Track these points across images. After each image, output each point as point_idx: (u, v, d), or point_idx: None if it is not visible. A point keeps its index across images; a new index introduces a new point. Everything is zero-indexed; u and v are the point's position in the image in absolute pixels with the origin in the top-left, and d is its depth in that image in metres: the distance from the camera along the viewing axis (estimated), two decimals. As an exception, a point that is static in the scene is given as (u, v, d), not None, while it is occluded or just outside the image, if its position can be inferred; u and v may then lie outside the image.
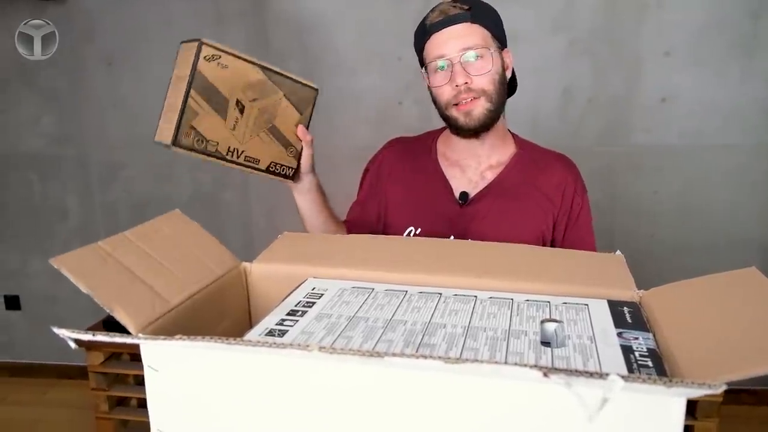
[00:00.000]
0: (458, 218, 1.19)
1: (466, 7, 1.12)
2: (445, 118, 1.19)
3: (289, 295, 0.76)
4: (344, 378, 0.49)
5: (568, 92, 2.22)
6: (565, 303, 0.72)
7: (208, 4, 2.35)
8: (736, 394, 2.30)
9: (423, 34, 1.16)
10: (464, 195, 1.21)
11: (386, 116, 2.34)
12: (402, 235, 1.21)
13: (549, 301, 0.73)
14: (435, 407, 0.47)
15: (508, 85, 1.22)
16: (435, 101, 1.19)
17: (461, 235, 1.16)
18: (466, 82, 1.12)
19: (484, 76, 1.12)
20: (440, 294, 0.76)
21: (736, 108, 2.15)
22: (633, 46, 2.16)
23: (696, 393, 0.40)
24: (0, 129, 2.59)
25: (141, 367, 0.57)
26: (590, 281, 0.78)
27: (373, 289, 0.78)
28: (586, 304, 0.71)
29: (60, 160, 2.60)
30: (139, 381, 2.30)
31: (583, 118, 2.23)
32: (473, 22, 1.12)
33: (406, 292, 0.77)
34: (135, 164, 2.56)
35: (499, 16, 1.18)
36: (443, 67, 1.13)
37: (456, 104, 1.14)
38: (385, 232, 1.27)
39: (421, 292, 0.76)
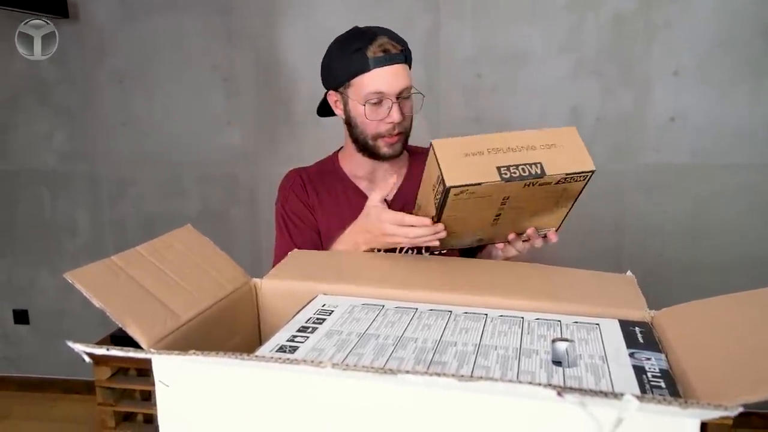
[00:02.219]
0: None
1: (401, 48, 1.18)
2: (367, 145, 1.23)
3: (299, 311, 0.77)
4: (356, 395, 0.49)
5: (577, 112, 2.23)
6: (576, 322, 0.72)
7: (219, 22, 2.38)
8: (746, 417, 2.26)
9: (361, 63, 1.16)
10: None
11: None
12: None
13: (560, 320, 0.72)
14: (447, 425, 0.47)
15: None
16: (357, 128, 1.22)
17: None
18: (399, 122, 1.18)
19: (410, 116, 1.21)
20: (450, 312, 0.75)
21: (745, 127, 2.15)
22: (641, 65, 2.17)
23: (711, 415, 0.39)
24: (12, 145, 2.62)
25: (148, 383, 0.57)
26: (601, 301, 0.78)
27: (383, 306, 0.78)
28: (598, 324, 0.71)
29: (70, 177, 2.62)
30: (146, 396, 2.29)
31: (592, 138, 2.23)
32: (406, 63, 1.19)
33: (417, 309, 0.77)
34: (144, 181, 2.57)
35: None
36: (379, 103, 1.17)
37: (383, 137, 1.20)
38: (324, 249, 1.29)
39: (431, 310, 0.76)
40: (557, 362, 0.60)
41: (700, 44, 2.12)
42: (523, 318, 0.73)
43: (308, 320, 0.73)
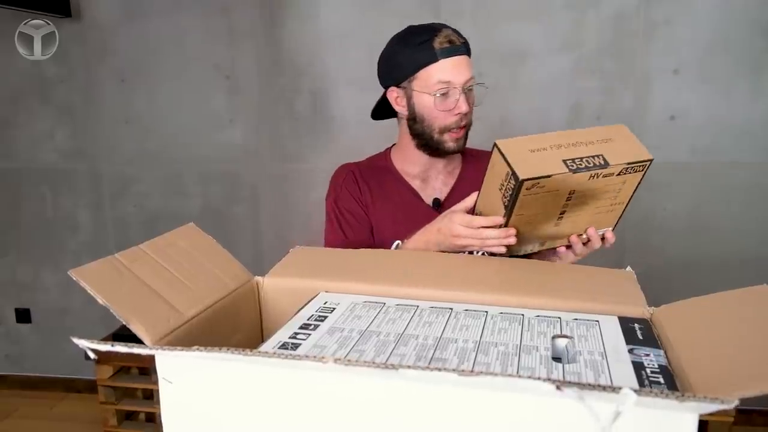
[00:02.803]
0: None
1: (463, 40, 1.18)
2: (432, 140, 1.22)
3: (301, 309, 0.77)
4: (358, 390, 0.50)
5: (577, 109, 2.23)
6: (576, 319, 0.72)
7: (221, 21, 2.38)
8: (747, 414, 2.27)
9: (429, 55, 1.16)
10: (437, 201, 1.28)
11: (396, 133, 2.35)
12: (390, 247, 1.23)
13: (560, 317, 0.73)
14: (448, 420, 0.48)
15: None
16: (423, 122, 1.22)
17: None
18: (466, 113, 1.18)
19: (474, 108, 1.20)
20: (451, 309, 0.76)
21: (745, 125, 2.15)
22: (642, 63, 2.17)
23: (708, 408, 0.40)
24: (14, 143, 2.63)
25: (150, 381, 0.58)
26: (601, 297, 0.78)
27: (384, 303, 0.78)
28: (597, 321, 0.72)
29: (72, 175, 2.63)
30: (147, 395, 2.31)
31: (592, 136, 2.24)
32: (468, 54, 1.19)
33: (418, 306, 0.77)
34: (146, 179, 2.58)
35: None
36: (448, 94, 1.17)
37: (450, 131, 1.20)
38: (375, 247, 1.28)
39: (432, 307, 0.77)
40: (557, 359, 0.61)
41: (700, 42, 2.12)
42: (523, 315, 0.74)
43: (310, 317, 0.74)
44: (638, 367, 0.59)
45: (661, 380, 0.56)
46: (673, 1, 2.11)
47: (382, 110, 1.34)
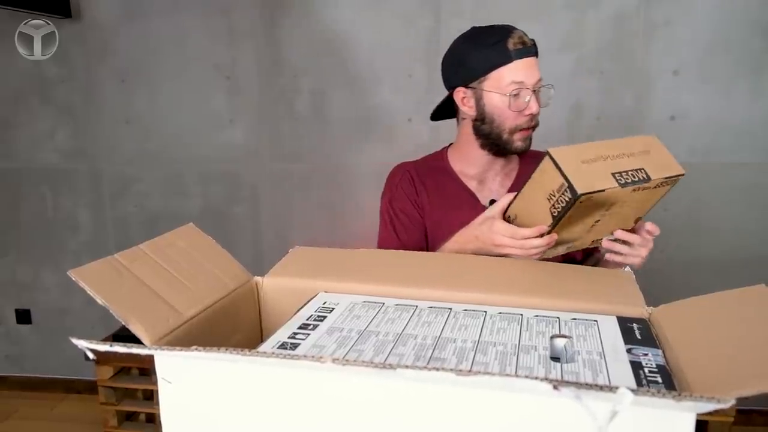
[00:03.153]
0: None
1: (533, 41, 1.19)
2: (500, 140, 1.22)
3: (300, 309, 0.77)
4: (356, 390, 0.50)
5: (577, 110, 2.23)
6: (575, 319, 0.72)
7: (221, 21, 2.39)
8: (747, 414, 2.27)
9: (503, 56, 1.16)
10: (493, 202, 1.26)
11: (396, 133, 2.36)
12: None
13: (558, 317, 0.73)
14: (446, 420, 0.48)
15: None
16: (492, 122, 1.21)
17: None
18: (536, 114, 1.19)
19: (542, 109, 1.20)
20: (450, 309, 0.76)
21: (745, 126, 2.15)
22: (642, 64, 2.17)
23: (705, 407, 0.40)
24: (15, 143, 2.63)
25: (150, 382, 0.58)
26: (600, 297, 0.79)
27: (383, 303, 0.79)
28: (596, 320, 0.72)
29: (72, 175, 2.63)
30: (148, 396, 2.31)
31: (592, 136, 2.24)
32: (537, 56, 1.19)
33: (416, 306, 0.77)
34: (147, 179, 2.58)
35: None
36: (520, 94, 1.17)
37: (521, 131, 1.20)
38: (429, 248, 1.29)
39: (431, 307, 0.77)
40: (555, 358, 0.61)
41: (700, 42, 2.12)
42: (522, 315, 0.74)
43: (309, 317, 0.74)
44: (636, 366, 0.59)
45: (659, 380, 0.56)
46: (673, 1, 2.11)
47: (442, 111, 1.33)
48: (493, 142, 1.23)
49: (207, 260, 0.82)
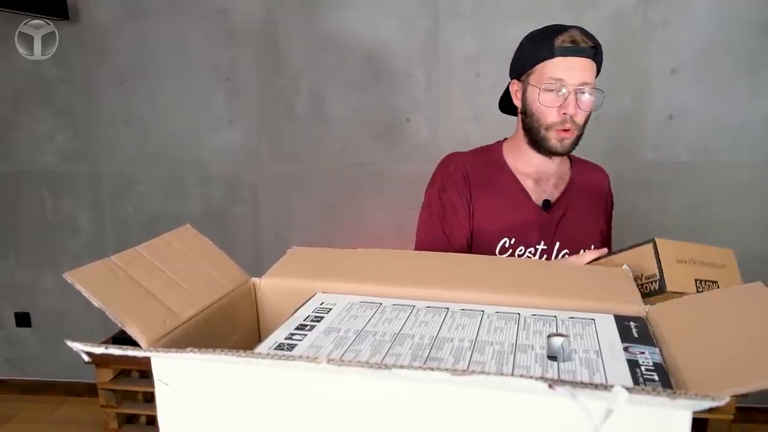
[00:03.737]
0: (547, 224, 1.27)
1: (592, 44, 1.19)
2: (538, 136, 1.23)
3: (297, 309, 0.77)
4: (352, 390, 0.50)
5: (576, 109, 2.23)
6: (572, 318, 0.72)
7: (220, 22, 2.39)
8: (746, 412, 2.27)
9: (548, 51, 1.18)
10: (547, 203, 1.29)
11: (395, 133, 2.36)
12: (496, 245, 1.25)
13: (556, 316, 0.73)
14: (442, 420, 0.48)
15: None
16: (532, 116, 1.23)
17: (550, 239, 1.26)
18: (573, 114, 1.18)
19: (586, 112, 1.20)
20: (447, 308, 0.76)
21: (743, 125, 2.15)
22: (640, 63, 2.17)
23: (700, 405, 0.40)
24: (14, 146, 2.63)
25: (150, 384, 0.58)
26: (597, 296, 0.78)
27: (381, 303, 0.78)
28: (593, 319, 0.72)
29: (72, 177, 2.63)
30: (148, 398, 2.30)
31: (591, 135, 2.22)
32: (594, 59, 1.19)
33: (414, 306, 0.77)
34: (146, 180, 2.58)
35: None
36: (558, 91, 1.18)
37: (557, 129, 1.20)
38: (475, 244, 1.29)
39: (428, 307, 0.77)
40: (552, 357, 0.61)
41: (698, 42, 2.12)
42: (519, 314, 0.74)
43: (306, 318, 0.74)
44: (633, 365, 0.59)
45: (656, 378, 0.56)
46: (671, 1, 2.11)
47: (508, 104, 1.35)
48: (533, 138, 1.24)
49: (204, 261, 0.82)
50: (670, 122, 2.19)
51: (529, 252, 1.24)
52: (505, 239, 1.24)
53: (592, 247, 1.23)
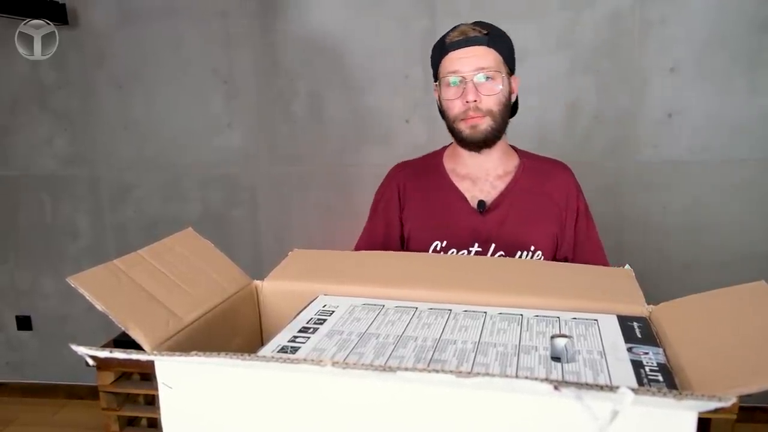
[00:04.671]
0: (481, 226, 1.25)
1: (485, 32, 1.22)
2: (452, 130, 1.26)
3: (300, 312, 0.77)
4: (357, 393, 0.50)
5: (574, 108, 2.23)
6: (575, 318, 0.72)
7: (217, 26, 2.39)
8: (750, 411, 2.27)
9: (441, 50, 1.23)
10: (482, 203, 1.26)
11: (394, 134, 2.36)
12: (428, 248, 1.25)
13: (558, 317, 0.73)
14: (446, 422, 0.48)
15: (511, 108, 1.30)
16: (444, 114, 1.26)
17: (485, 242, 1.23)
18: (476, 100, 1.19)
19: (492, 97, 1.20)
20: (450, 310, 0.76)
21: (742, 122, 2.15)
22: (638, 62, 2.17)
23: (706, 406, 0.40)
24: (13, 150, 2.63)
25: (151, 387, 0.58)
26: (600, 296, 0.79)
27: (383, 305, 0.78)
28: (596, 320, 0.72)
29: (71, 181, 2.63)
30: (149, 401, 2.30)
31: (590, 135, 2.24)
32: (489, 46, 1.21)
33: (416, 308, 0.77)
34: (145, 184, 2.58)
35: (512, 44, 1.28)
36: (456, 82, 1.20)
37: (463, 119, 1.22)
38: (409, 248, 1.30)
39: (431, 309, 0.77)
40: (556, 358, 0.61)
41: (696, 40, 2.12)
42: (522, 315, 0.74)
43: (309, 321, 0.74)
44: (637, 365, 0.59)
45: (660, 378, 0.56)
46: (668, -1, 2.12)
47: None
48: (453, 136, 1.27)
49: (206, 265, 0.82)
50: (668, 120, 2.19)
51: (462, 255, 1.23)
52: (437, 242, 1.24)
53: (532, 248, 1.22)
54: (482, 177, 1.29)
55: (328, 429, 0.52)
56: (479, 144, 1.23)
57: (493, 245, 1.22)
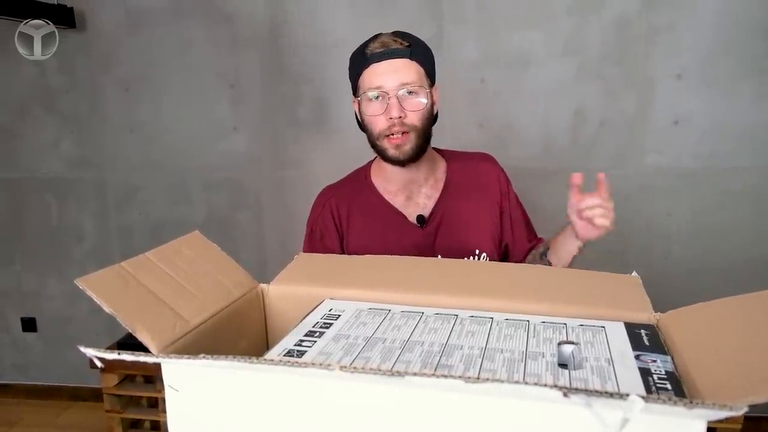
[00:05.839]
0: (423, 240, 1.23)
1: (407, 44, 1.16)
2: (375, 147, 1.22)
3: (306, 316, 0.77)
4: (364, 397, 0.50)
5: (580, 115, 2.23)
6: (582, 325, 0.72)
7: (224, 30, 2.39)
8: (756, 421, 2.25)
9: (362, 61, 1.17)
10: (421, 218, 1.24)
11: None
12: None
13: (565, 323, 0.73)
14: (454, 427, 0.48)
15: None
16: (365, 129, 1.22)
17: (430, 254, 1.20)
18: (400, 116, 1.15)
19: (417, 112, 1.16)
20: (456, 315, 0.76)
21: (748, 129, 2.15)
22: (644, 68, 2.17)
23: (717, 415, 0.40)
24: (20, 153, 2.64)
25: (155, 390, 0.58)
26: (606, 303, 0.78)
27: (389, 310, 0.78)
28: (603, 327, 0.71)
29: (77, 184, 2.63)
30: (152, 403, 2.30)
31: (596, 141, 2.24)
32: (411, 58, 1.16)
33: (423, 313, 0.77)
34: (151, 187, 2.59)
35: (432, 55, 1.22)
36: (378, 97, 1.16)
37: (387, 136, 1.17)
38: None
39: (437, 314, 0.77)
40: (563, 365, 0.61)
41: (702, 47, 2.12)
42: (528, 321, 0.74)
43: (315, 325, 0.74)
44: (645, 373, 0.59)
45: (669, 386, 0.56)
46: (674, 5, 2.11)
47: None
48: (377, 152, 1.22)
49: (213, 268, 0.82)
50: (675, 127, 2.18)
51: (467, 260, 1.20)
52: None
53: (477, 252, 1.21)
54: (415, 190, 1.26)
55: (335, 434, 0.51)
56: (404, 162, 1.20)
57: (439, 257, 1.20)
